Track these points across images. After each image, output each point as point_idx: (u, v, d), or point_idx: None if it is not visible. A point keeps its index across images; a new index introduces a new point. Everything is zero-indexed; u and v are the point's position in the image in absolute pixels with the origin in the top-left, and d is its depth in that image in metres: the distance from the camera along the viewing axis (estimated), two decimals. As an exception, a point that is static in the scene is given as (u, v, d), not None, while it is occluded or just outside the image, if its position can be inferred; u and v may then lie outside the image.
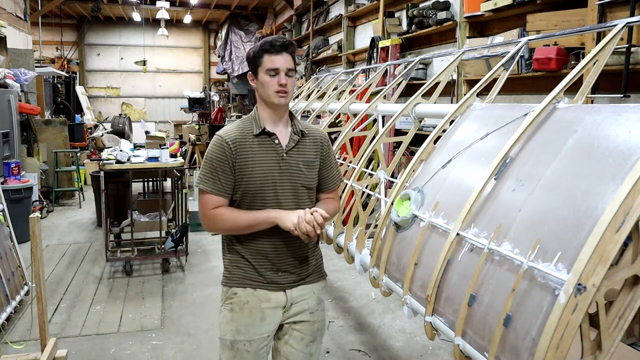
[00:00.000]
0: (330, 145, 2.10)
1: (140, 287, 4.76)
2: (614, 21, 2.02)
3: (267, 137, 1.92)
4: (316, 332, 2.05)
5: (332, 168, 2.08)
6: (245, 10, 14.98)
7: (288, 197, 1.92)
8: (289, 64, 1.87)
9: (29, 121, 8.09)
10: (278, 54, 1.85)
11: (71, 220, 7.46)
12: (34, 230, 2.93)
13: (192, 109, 13.03)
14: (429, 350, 3.54)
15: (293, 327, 2.01)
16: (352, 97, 4.13)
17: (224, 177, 1.88)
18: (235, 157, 1.87)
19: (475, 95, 2.49)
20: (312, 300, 2.02)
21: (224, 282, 2.01)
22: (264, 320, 1.94)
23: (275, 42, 1.85)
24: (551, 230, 1.52)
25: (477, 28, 5.28)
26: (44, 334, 3.08)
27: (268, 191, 1.89)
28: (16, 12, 9.04)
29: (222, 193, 1.89)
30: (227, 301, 1.98)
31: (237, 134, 1.91)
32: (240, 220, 1.87)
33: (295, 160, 1.94)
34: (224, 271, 2.02)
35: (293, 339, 2.01)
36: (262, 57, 1.86)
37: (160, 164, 5.03)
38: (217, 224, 1.90)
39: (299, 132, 1.97)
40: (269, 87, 1.86)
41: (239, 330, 1.93)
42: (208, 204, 1.90)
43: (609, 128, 1.61)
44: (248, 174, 1.88)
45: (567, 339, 1.30)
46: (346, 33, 8.89)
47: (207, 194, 1.89)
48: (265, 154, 1.90)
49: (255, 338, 1.93)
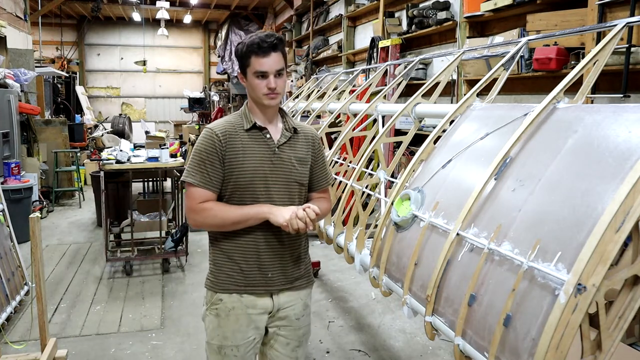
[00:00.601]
0: (322, 144, 2.08)
1: (140, 287, 4.76)
2: (614, 21, 2.02)
3: (258, 131, 1.87)
4: (302, 337, 2.03)
5: (324, 167, 2.05)
6: (245, 10, 14.99)
7: (280, 193, 1.87)
8: (278, 65, 1.79)
9: (29, 121, 8.09)
10: (266, 56, 1.77)
11: (71, 220, 7.46)
12: (34, 230, 2.93)
13: (192, 109, 13.06)
14: (429, 350, 3.54)
15: (278, 333, 1.98)
16: (352, 97, 4.13)
17: (212, 170, 1.82)
18: (225, 150, 1.82)
19: (475, 95, 2.48)
20: (298, 307, 1.99)
21: (209, 286, 1.95)
22: (250, 325, 1.90)
23: (263, 43, 1.76)
24: (551, 230, 1.51)
25: (477, 28, 5.28)
26: (44, 334, 3.08)
27: (259, 186, 1.84)
28: (16, 12, 9.03)
29: (210, 186, 1.82)
30: (212, 307, 1.92)
31: (227, 127, 1.85)
32: (230, 215, 1.80)
33: (287, 155, 1.89)
34: (209, 274, 1.96)
35: (278, 344, 1.99)
36: (249, 58, 1.79)
37: (160, 164, 5.03)
38: (205, 219, 1.83)
39: (291, 129, 1.93)
40: (257, 90, 1.81)
41: (225, 336, 1.90)
42: (195, 197, 1.82)
43: (609, 128, 1.61)
44: (239, 168, 1.82)
45: (567, 339, 1.30)
46: (346, 33, 8.89)
47: (195, 187, 1.82)
48: (256, 147, 1.85)
49: (242, 343, 1.90)
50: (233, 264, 1.89)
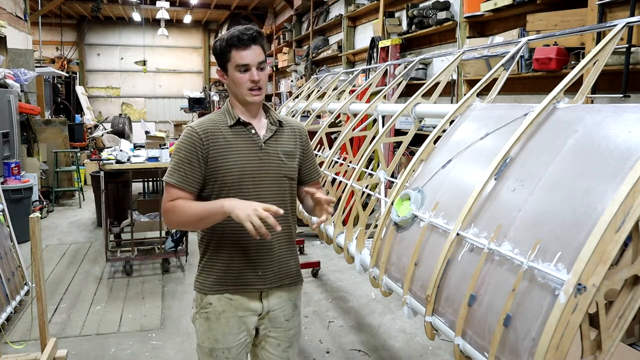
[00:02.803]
0: (308, 137, 2.03)
1: (140, 287, 4.76)
2: (614, 21, 2.02)
3: (242, 127, 1.82)
4: (292, 338, 2.01)
5: (314, 159, 2.03)
6: (245, 10, 14.99)
7: (270, 189, 1.83)
8: (259, 57, 1.76)
9: (29, 121, 8.09)
10: (247, 48, 1.73)
11: (71, 220, 7.46)
12: (34, 230, 2.93)
13: (192, 109, 13.04)
14: (429, 350, 3.54)
15: (269, 335, 1.96)
16: (352, 97, 4.13)
17: (190, 170, 1.77)
18: (208, 149, 1.77)
19: (475, 95, 2.48)
20: (287, 308, 1.97)
21: (198, 288, 1.92)
22: (240, 327, 1.89)
23: (243, 35, 1.73)
24: (551, 230, 1.51)
25: (477, 28, 5.28)
26: (44, 334, 3.08)
27: (247, 183, 1.79)
28: (16, 12, 9.04)
29: (187, 187, 1.77)
30: (202, 310, 1.90)
31: (209, 125, 1.80)
32: (193, 210, 1.72)
33: (274, 149, 1.85)
34: (197, 275, 1.93)
35: (269, 345, 1.97)
36: (229, 52, 1.75)
37: (160, 164, 5.03)
38: (174, 216, 1.76)
39: (276, 122, 1.89)
40: (241, 85, 1.77)
41: (216, 338, 1.88)
42: (170, 196, 1.78)
43: (609, 128, 1.61)
44: (224, 167, 1.78)
45: (567, 339, 1.30)
46: (346, 33, 8.89)
47: (172, 187, 1.77)
48: (241, 144, 1.80)
49: (233, 345, 1.88)
50: (222, 264, 1.86)
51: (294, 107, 5.60)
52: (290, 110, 5.66)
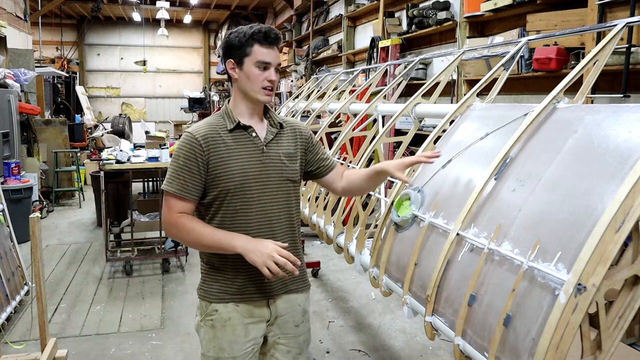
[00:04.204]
0: (313, 136, 1.98)
1: (140, 287, 4.76)
2: (614, 21, 2.02)
3: (243, 130, 1.76)
4: (302, 344, 1.96)
5: (323, 151, 1.98)
6: (245, 10, 14.99)
7: (274, 194, 1.78)
8: (279, 59, 1.76)
9: (29, 121, 8.09)
10: (270, 47, 1.71)
11: (71, 220, 7.46)
12: (34, 230, 2.92)
13: (192, 109, 13.05)
14: (429, 350, 3.54)
15: (278, 342, 1.89)
16: (352, 97, 4.13)
17: (190, 178, 1.71)
18: (208, 156, 1.71)
19: (475, 95, 2.49)
20: (296, 313, 1.91)
21: (202, 296, 1.85)
22: (247, 335, 1.81)
23: (270, 33, 1.70)
24: (551, 230, 1.52)
25: (477, 28, 5.28)
26: (44, 334, 3.08)
27: (250, 188, 1.74)
28: (16, 12, 9.04)
29: (187, 195, 1.71)
30: (207, 317, 1.83)
31: (209, 130, 1.74)
32: (201, 237, 1.69)
33: (275, 152, 1.80)
34: (201, 282, 1.87)
35: (279, 353, 1.90)
36: (252, 46, 1.70)
37: (160, 164, 5.03)
38: (179, 233, 1.72)
39: (277, 124, 1.84)
40: (256, 81, 1.72)
41: (222, 347, 1.80)
42: (172, 207, 1.72)
43: (609, 128, 1.61)
44: (225, 172, 1.72)
45: (567, 339, 1.30)
46: (346, 33, 8.89)
47: (171, 195, 1.72)
48: (242, 149, 1.75)
49: (240, 354, 1.81)
50: (227, 273, 1.80)
51: (294, 107, 5.61)
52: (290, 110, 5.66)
